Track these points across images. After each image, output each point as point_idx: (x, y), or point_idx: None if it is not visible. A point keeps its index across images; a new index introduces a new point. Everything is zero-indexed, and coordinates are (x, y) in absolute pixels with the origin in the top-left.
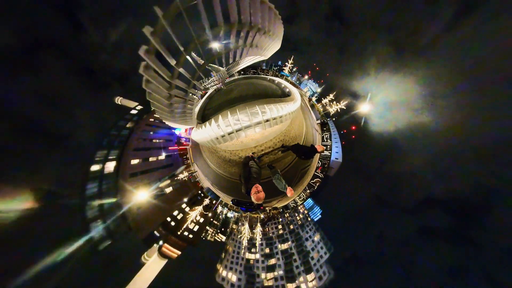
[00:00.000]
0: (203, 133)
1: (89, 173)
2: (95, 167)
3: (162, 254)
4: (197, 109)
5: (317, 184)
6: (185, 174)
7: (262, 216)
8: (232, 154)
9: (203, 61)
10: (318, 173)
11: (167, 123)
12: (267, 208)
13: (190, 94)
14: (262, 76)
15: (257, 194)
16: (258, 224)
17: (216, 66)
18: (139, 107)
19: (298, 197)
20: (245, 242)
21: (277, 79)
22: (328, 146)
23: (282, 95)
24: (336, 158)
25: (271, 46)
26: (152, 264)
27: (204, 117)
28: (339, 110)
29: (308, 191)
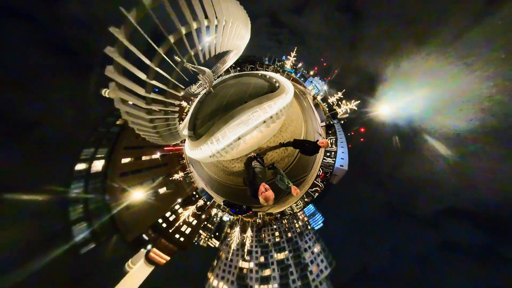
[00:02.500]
0: (199, 155)
1: (73, 171)
2: (80, 166)
3: (149, 260)
4: (188, 116)
5: (316, 194)
6: (180, 174)
7: (258, 220)
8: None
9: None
10: (318, 182)
11: (154, 142)
12: (259, 213)
13: (171, 106)
14: (254, 72)
15: (264, 193)
16: (249, 229)
17: (202, 67)
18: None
19: (295, 204)
20: (234, 246)
21: (268, 74)
22: (333, 153)
23: (271, 90)
24: (341, 166)
25: (237, 34)
26: (137, 272)
27: (195, 126)
28: (348, 111)
29: (306, 199)
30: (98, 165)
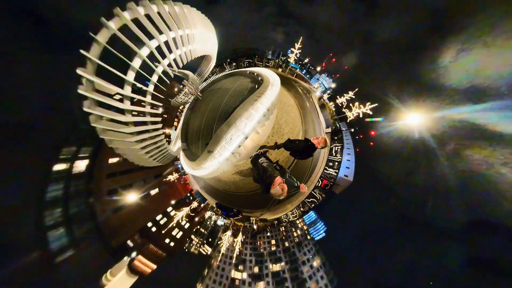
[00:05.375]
0: (201, 173)
1: (51, 173)
2: (59, 166)
3: (132, 270)
4: (180, 125)
5: (313, 205)
6: (175, 175)
7: (254, 226)
8: None
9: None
10: (315, 192)
11: (146, 165)
12: (251, 218)
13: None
14: (242, 70)
15: (282, 184)
16: (240, 234)
17: (185, 71)
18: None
19: (290, 213)
20: (223, 250)
21: (256, 70)
22: (337, 163)
23: (255, 88)
24: (345, 176)
25: (201, 37)
26: (117, 284)
27: (187, 139)
28: (361, 115)
29: (302, 208)
30: (80, 165)
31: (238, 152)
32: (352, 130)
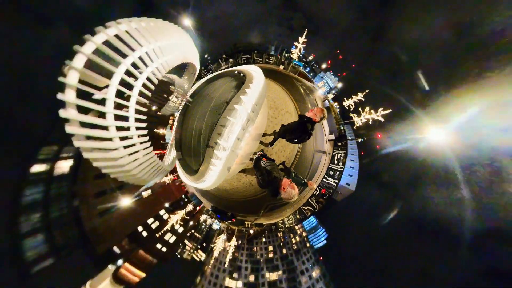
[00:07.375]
0: (203, 186)
1: (27, 174)
2: (38, 168)
3: (117, 279)
4: (173, 132)
5: (309, 213)
6: (169, 176)
7: (251, 231)
8: None
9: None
10: (312, 201)
11: (142, 183)
12: (246, 223)
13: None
14: (229, 70)
15: (291, 184)
16: (234, 238)
17: (171, 75)
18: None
19: (286, 218)
20: (216, 253)
21: (239, 68)
22: (338, 173)
23: (240, 86)
24: (347, 184)
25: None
26: None
27: (181, 149)
28: (370, 122)
29: (298, 216)
30: (63, 166)
31: (235, 154)
32: (359, 140)
